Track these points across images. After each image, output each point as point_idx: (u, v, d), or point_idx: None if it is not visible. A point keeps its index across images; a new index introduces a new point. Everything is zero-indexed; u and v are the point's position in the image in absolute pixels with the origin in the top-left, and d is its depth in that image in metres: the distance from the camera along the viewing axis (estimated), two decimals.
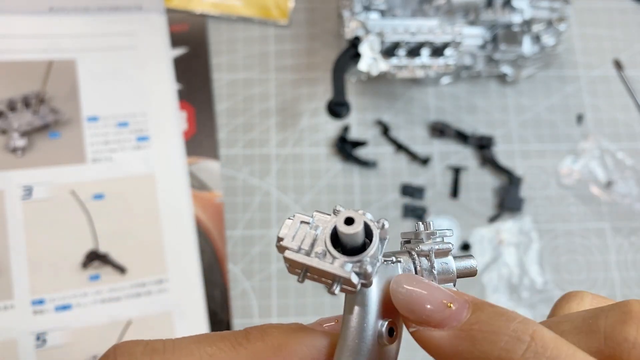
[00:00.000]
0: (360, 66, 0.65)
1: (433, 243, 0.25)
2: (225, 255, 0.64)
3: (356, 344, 0.23)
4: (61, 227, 0.62)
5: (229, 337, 0.23)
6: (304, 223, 0.24)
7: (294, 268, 0.23)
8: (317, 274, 0.23)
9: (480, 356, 0.20)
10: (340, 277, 0.22)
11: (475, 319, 0.21)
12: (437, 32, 0.65)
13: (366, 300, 0.24)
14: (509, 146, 0.70)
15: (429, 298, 0.22)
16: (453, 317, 0.22)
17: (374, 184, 0.68)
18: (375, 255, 0.23)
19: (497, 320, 0.21)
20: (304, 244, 0.23)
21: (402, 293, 0.23)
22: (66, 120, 0.66)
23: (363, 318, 0.24)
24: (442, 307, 0.22)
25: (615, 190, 0.68)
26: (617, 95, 0.73)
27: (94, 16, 0.70)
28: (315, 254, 0.22)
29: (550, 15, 0.67)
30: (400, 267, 0.25)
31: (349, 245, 0.23)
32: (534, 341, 0.20)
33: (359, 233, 0.22)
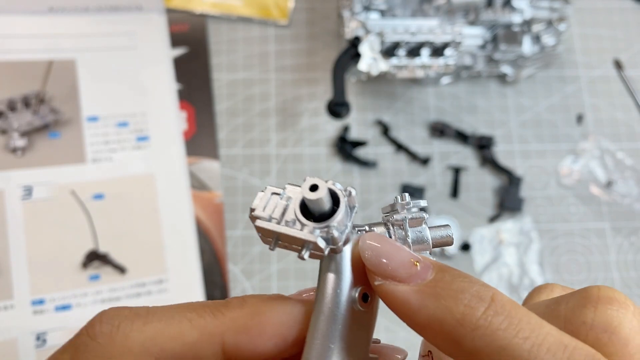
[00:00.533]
0: (360, 66, 0.65)
1: (407, 212, 0.26)
2: (225, 255, 0.64)
3: (330, 309, 0.24)
4: (61, 227, 0.62)
5: (210, 304, 0.24)
6: (275, 194, 0.24)
7: (266, 237, 0.24)
8: (288, 241, 0.24)
9: (444, 312, 0.21)
10: (308, 242, 0.23)
11: (440, 278, 0.22)
12: (437, 32, 0.65)
13: (338, 266, 0.25)
14: (509, 146, 0.70)
15: (396, 255, 0.23)
16: (418, 275, 0.23)
17: (374, 184, 0.68)
18: (343, 222, 0.23)
19: (461, 282, 0.22)
20: (274, 214, 0.24)
21: (370, 248, 0.24)
22: (66, 120, 0.66)
23: (336, 284, 0.24)
24: (408, 264, 0.23)
25: (615, 190, 0.68)
26: (617, 95, 0.73)
27: (94, 16, 0.70)
28: (285, 222, 0.23)
29: (551, 15, 0.67)
30: None
31: (317, 213, 0.24)
32: (493, 302, 0.21)
33: (322, 199, 0.23)
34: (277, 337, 0.24)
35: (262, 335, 0.24)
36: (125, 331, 0.23)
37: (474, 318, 0.21)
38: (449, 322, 0.21)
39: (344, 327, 0.24)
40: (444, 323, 0.21)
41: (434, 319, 0.21)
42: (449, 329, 0.21)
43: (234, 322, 0.24)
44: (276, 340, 0.24)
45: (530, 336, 0.20)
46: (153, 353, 0.23)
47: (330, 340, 0.24)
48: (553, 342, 0.20)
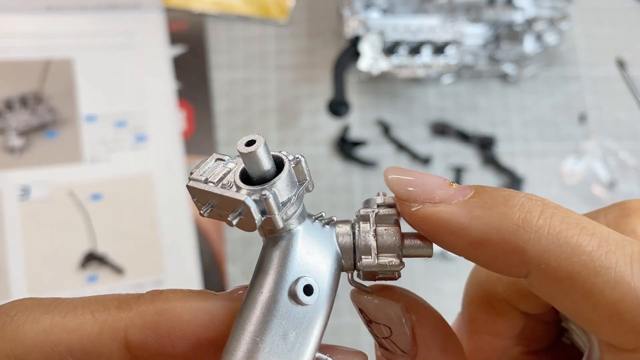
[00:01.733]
0: (361, 65, 0.64)
1: (378, 207, 0.23)
2: (224, 256, 0.64)
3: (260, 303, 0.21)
4: (59, 228, 0.62)
5: (121, 297, 0.22)
6: (219, 160, 0.23)
7: (200, 202, 0.22)
8: (221, 206, 0.21)
9: (500, 219, 0.20)
10: (237, 201, 0.20)
11: (481, 191, 0.21)
12: (438, 31, 0.64)
13: (282, 248, 0.22)
14: (510, 146, 0.70)
15: (427, 178, 0.21)
16: (458, 193, 0.21)
17: (375, 184, 0.68)
18: (285, 191, 0.21)
19: (505, 192, 0.20)
20: (212, 177, 0.22)
21: (400, 175, 0.22)
22: (64, 120, 0.66)
23: (274, 269, 0.21)
24: (444, 185, 0.21)
25: (618, 190, 0.68)
26: (620, 95, 0.72)
27: (92, 15, 0.70)
28: (222, 185, 0.21)
29: (553, 14, 0.67)
30: (335, 230, 0.23)
31: (255, 176, 0.21)
32: (546, 204, 0.20)
33: (258, 155, 0.20)
34: (190, 338, 0.22)
35: (172, 334, 0.21)
36: (18, 322, 0.21)
37: (533, 219, 0.19)
38: (508, 229, 0.19)
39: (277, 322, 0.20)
40: (502, 230, 0.20)
41: (491, 229, 0.20)
42: (510, 237, 0.19)
43: (141, 318, 0.21)
44: (189, 341, 0.22)
45: (595, 232, 0.19)
46: (45, 347, 0.21)
47: (257, 334, 0.20)
48: (619, 239, 0.19)
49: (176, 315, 0.22)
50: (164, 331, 0.21)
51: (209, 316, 0.22)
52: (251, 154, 0.20)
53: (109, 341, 0.21)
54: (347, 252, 0.23)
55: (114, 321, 0.21)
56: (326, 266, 0.22)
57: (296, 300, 0.21)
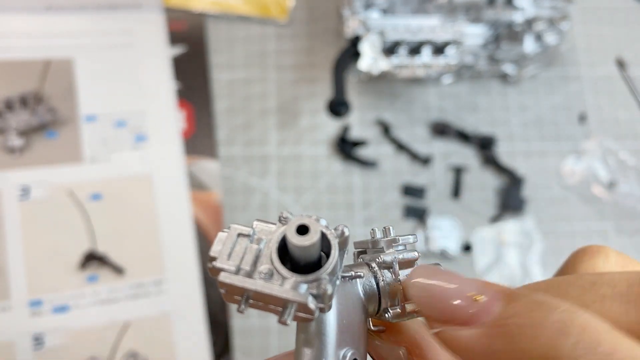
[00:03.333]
0: (361, 65, 0.64)
1: (396, 252, 0.22)
2: None
3: None
4: (59, 228, 0.62)
5: None
6: (242, 236, 0.19)
7: (233, 294, 0.19)
8: (263, 299, 0.18)
9: (520, 355, 0.17)
10: (294, 302, 0.18)
11: (510, 312, 0.18)
12: (438, 31, 0.64)
13: (324, 328, 0.19)
14: (510, 146, 0.70)
15: (454, 292, 0.19)
16: (483, 312, 0.18)
17: (375, 184, 0.68)
18: (335, 272, 0.18)
19: (537, 312, 0.17)
20: (244, 263, 0.18)
21: (421, 288, 0.19)
22: (64, 120, 0.66)
23: (321, 351, 0.19)
24: (469, 301, 0.19)
25: (618, 191, 0.68)
26: (620, 95, 0.72)
27: (92, 14, 0.70)
28: (259, 274, 0.18)
29: (553, 14, 0.67)
30: (360, 283, 0.21)
31: (302, 261, 0.18)
32: (583, 332, 0.16)
33: (315, 245, 0.18)
34: None
35: None
36: None
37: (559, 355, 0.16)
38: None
39: None
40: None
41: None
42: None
43: None
44: None
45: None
46: None
47: None
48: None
49: None
50: None
51: None
52: (308, 247, 0.17)
53: None
54: (371, 301, 0.21)
55: None
56: (361, 326, 0.21)
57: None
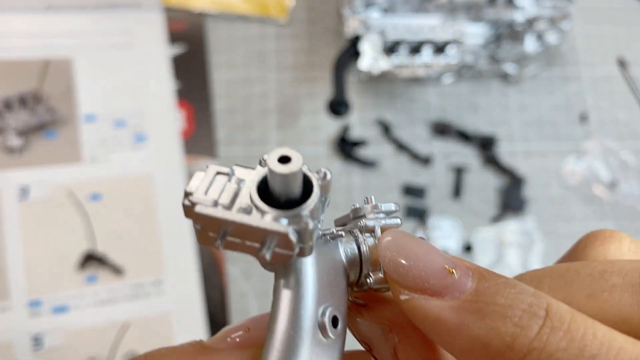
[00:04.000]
0: (361, 65, 0.64)
1: (379, 218, 0.21)
2: (224, 256, 0.63)
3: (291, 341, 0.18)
4: (58, 228, 0.62)
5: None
6: (221, 174, 0.19)
7: (209, 230, 0.18)
8: (242, 234, 0.18)
9: (490, 333, 0.17)
10: (274, 233, 0.17)
11: (482, 289, 0.18)
12: (438, 31, 0.64)
13: (303, 279, 0.19)
14: (511, 146, 0.69)
15: (428, 261, 0.19)
16: (456, 286, 0.18)
17: (375, 184, 0.67)
18: (316, 213, 0.18)
19: (507, 292, 0.18)
20: (221, 198, 0.18)
21: (394, 252, 0.19)
22: (63, 120, 0.65)
23: (299, 303, 0.19)
24: (443, 273, 0.18)
25: (619, 190, 0.68)
26: (621, 95, 0.72)
27: (91, 14, 0.70)
28: (238, 209, 0.17)
29: (553, 14, 0.67)
30: (341, 245, 0.21)
31: (282, 197, 0.18)
32: (549, 315, 0.17)
33: (297, 175, 0.17)
34: None
35: None
36: None
37: (526, 339, 0.17)
38: (495, 347, 0.17)
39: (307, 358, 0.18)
40: (489, 348, 0.17)
41: (477, 343, 0.17)
42: (495, 355, 0.17)
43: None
44: None
45: (598, 354, 0.16)
46: None
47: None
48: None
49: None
50: None
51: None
52: (290, 175, 0.17)
53: None
54: (353, 267, 0.21)
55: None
56: (342, 289, 0.20)
57: (324, 333, 0.19)
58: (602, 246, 0.22)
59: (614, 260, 0.20)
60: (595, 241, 0.22)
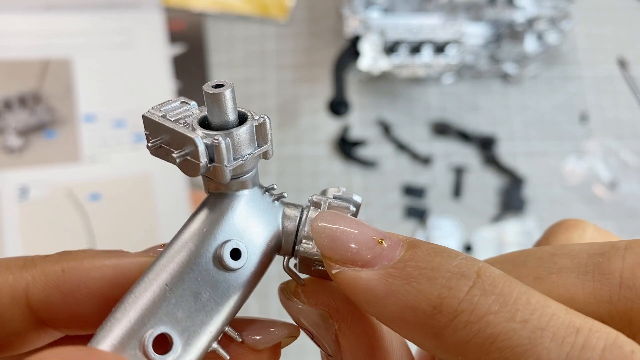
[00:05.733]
0: (361, 65, 0.64)
1: (334, 198, 0.22)
2: None
3: (181, 255, 0.19)
4: (58, 228, 0.62)
5: (28, 257, 0.21)
6: (184, 103, 0.21)
7: (151, 136, 0.21)
8: (171, 143, 0.20)
9: (417, 295, 0.17)
10: (186, 138, 0.19)
11: (411, 255, 0.18)
12: (438, 31, 0.64)
13: (220, 205, 0.20)
14: (511, 146, 0.69)
15: (356, 234, 0.19)
16: (384, 255, 0.18)
17: (375, 184, 0.67)
18: (241, 145, 0.20)
19: (437, 256, 0.18)
20: (171, 115, 0.20)
21: (324, 228, 0.19)
22: (63, 120, 0.65)
23: (205, 224, 0.20)
24: (371, 244, 0.18)
25: (619, 190, 0.68)
26: (621, 94, 0.72)
27: (91, 14, 0.69)
28: (177, 123, 0.20)
29: (554, 14, 0.67)
30: (284, 209, 0.22)
31: (215, 123, 0.20)
32: (480, 278, 0.16)
33: (223, 96, 0.19)
34: (97, 296, 0.20)
35: (77, 292, 0.20)
36: None
37: (454, 301, 0.16)
38: (423, 310, 0.17)
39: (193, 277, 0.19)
40: (417, 311, 0.17)
41: (405, 308, 0.17)
42: (425, 319, 0.17)
43: (45, 276, 0.20)
44: (96, 299, 0.20)
45: (530, 319, 0.15)
46: None
47: (168, 282, 0.19)
48: (560, 326, 0.15)
49: (82, 272, 0.20)
50: (69, 289, 0.20)
51: (117, 272, 0.20)
52: (216, 95, 0.19)
53: (9, 301, 0.20)
54: (288, 235, 0.22)
55: (14, 280, 0.20)
56: (262, 238, 0.21)
57: (220, 262, 0.20)
58: (566, 233, 0.22)
59: (565, 244, 0.20)
60: (559, 229, 0.22)
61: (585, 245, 0.19)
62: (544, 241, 0.23)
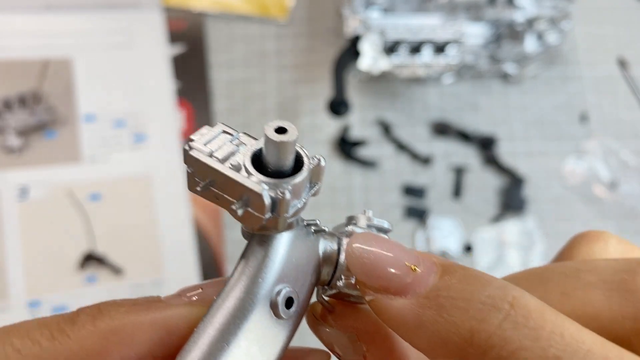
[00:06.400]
0: (361, 65, 0.64)
1: (369, 227, 0.22)
2: (224, 257, 0.63)
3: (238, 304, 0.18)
4: (58, 228, 0.62)
5: (51, 323, 0.18)
6: (226, 133, 0.20)
7: (197, 176, 0.19)
8: (223, 187, 0.18)
9: (448, 328, 0.17)
10: (250, 192, 0.18)
11: (443, 284, 0.18)
12: (438, 30, 0.64)
13: (271, 253, 0.19)
14: (511, 146, 0.69)
15: (390, 260, 0.18)
16: (417, 283, 0.18)
17: (375, 184, 0.67)
18: (300, 190, 0.19)
19: (470, 285, 0.17)
20: (218, 152, 0.19)
21: (359, 252, 0.19)
22: (63, 120, 0.65)
23: (259, 272, 0.19)
24: (405, 271, 0.18)
25: (619, 190, 0.68)
26: (621, 94, 0.72)
27: (91, 13, 0.69)
28: (229, 165, 0.18)
29: (554, 13, 0.67)
30: (322, 240, 0.21)
31: (272, 168, 0.19)
32: (513, 309, 0.16)
33: (289, 145, 0.18)
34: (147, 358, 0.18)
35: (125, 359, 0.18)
36: None
37: (485, 335, 0.16)
38: (454, 342, 0.16)
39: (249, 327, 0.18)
40: (448, 344, 0.16)
41: (436, 340, 0.17)
42: (456, 351, 0.16)
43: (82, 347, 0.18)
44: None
45: (563, 356, 0.15)
46: None
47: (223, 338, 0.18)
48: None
49: (127, 336, 0.18)
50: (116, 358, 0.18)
51: (166, 331, 0.19)
52: (282, 144, 0.18)
53: None
54: (327, 266, 0.22)
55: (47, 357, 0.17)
56: (308, 279, 0.21)
57: (275, 311, 0.19)
58: (588, 246, 0.22)
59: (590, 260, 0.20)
60: (582, 241, 0.22)
61: (610, 262, 0.18)
62: (566, 254, 0.22)
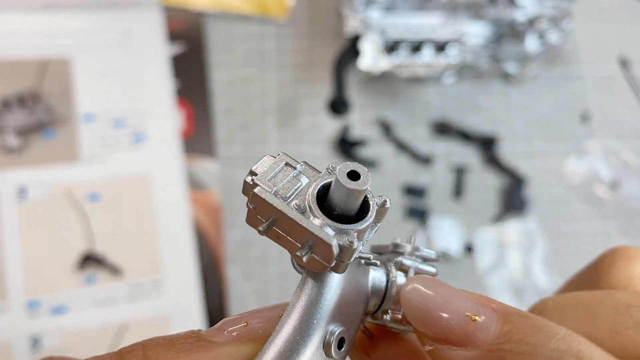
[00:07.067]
0: (361, 64, 0.64)
1: (417, 261, 0.21)
2: (223, 257, 0.63)
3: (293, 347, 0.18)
4: (56, 228, 0.61)
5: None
6: (288, 166, 0.19)
7: (259, 214, 0.18)
8: (288, 229, 0.18)
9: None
10: (319, 240, 0.17)
11: (505, 335, 0.17)
12: (439, 30, 0.64)
13: (326, 292, 0.19)
14: (512, 145, 0.69)
15: (450, 308, 0.18)
16: (479, 333, 0.17)
17: (375, 184, 0.67)
18: (364, 234, 0.18)
19: (533, 336, 0.17)
20: (282, 190, 0.18)
21: (417, 299, 0.18)
22: (62, 119, 0.65)
23: (314, 314, 0.18)
24: (465, 321, 0.18)
25: (621, 190, 0.67)
26: (623, 94, 0.72)
27: (90, 13, 0.69)
28: (294, 205, 0.18)
29: (555, 13, 0.66)
30: (371, 274, 0.21)
31: (338, 210, 0.18)
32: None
33: (361, 193, 0.17)
34: None
35: None
36: None
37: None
38: None
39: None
40: None
41: None
42: None
43: None
44: None
45: None
46: None
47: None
48: None
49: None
50: None
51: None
52: (354, 192, 0.17)
53: None
54: (375, 297, 0.21)
55: None
56: (358, 316, 0.20)
57: (327, 351, 0.19)
58: (628, 267, 0.21)
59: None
60: (620, 260, 0.21)
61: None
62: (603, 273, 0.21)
